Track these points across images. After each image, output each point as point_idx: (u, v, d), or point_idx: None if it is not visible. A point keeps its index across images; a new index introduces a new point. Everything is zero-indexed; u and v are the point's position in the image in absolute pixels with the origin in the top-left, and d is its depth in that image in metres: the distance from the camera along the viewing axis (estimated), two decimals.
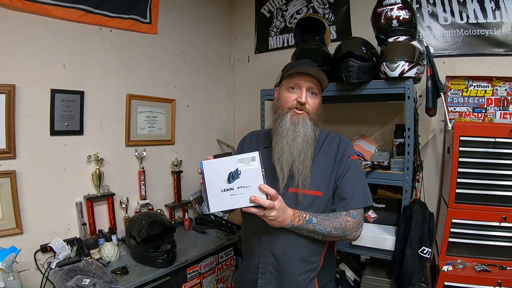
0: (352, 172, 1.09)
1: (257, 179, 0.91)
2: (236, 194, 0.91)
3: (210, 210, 0.92)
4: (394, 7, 1.60)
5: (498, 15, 1.78)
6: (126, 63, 2.00)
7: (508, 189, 1.42)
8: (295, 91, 1.09)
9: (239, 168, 0.91)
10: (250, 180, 0.91)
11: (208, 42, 2.60)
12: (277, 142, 1.07)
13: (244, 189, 0.91)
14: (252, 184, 0.91)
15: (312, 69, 1.06)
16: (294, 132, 1.06)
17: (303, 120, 1.07)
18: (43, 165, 1.61)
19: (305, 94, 1.07)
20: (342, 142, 1.14)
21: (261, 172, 0.91)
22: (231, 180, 0.91)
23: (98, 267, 1.48)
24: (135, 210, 2.03)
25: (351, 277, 1.79)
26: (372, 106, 2.12)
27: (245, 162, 0.91)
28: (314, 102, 1.10)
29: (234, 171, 0.91)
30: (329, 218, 1.02)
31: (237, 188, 0.91)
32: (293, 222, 0.99)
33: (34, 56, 1.57)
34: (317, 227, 1.00)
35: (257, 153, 0.91)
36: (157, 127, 2.20)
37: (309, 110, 1.08)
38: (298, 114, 1.07)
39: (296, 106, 1.08)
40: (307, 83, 1.08)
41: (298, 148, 1.05)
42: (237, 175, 0.91)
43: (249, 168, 0.91)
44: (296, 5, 2.48)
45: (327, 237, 1.03)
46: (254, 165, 0.91)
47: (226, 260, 2.10)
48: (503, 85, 1.75)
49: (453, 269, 1.42)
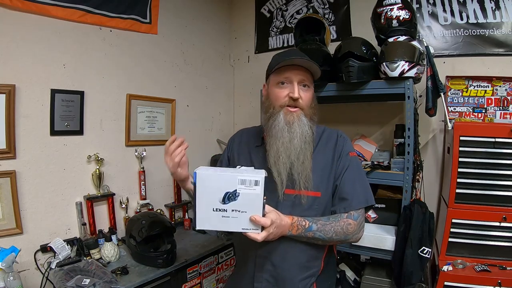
0: (352, 170, 1.02)
1: (256, 206, 0.79)
2: (228, 217, 0.80)
3: (197, 227, 0.82)
4: (394, 7, 1.60)
5: (498, 15, 1.78)
6: (126, 63, 2.00)
7: (508, 189, 1.42)
8: (286, 86, 0.99)
9: (238, 190, 0.78)
10: (247, 205, 0.79)
11: (208, 42, 2.60)
12: (272, 145, 0.99)
13: (239, 214, 0.79)
14: (249, 210, 0.79)
15: (302, 60, 0.97)
16: (289, 133, 0.97)
17: (299, 118, 0.98)
18: (43, 165, 1.61)
19: (297, 89, 0.97)
20: (339, 138, 1.06)
21: (262, 200, 0.79)
22: (226, 201, 0.79)
23: (98, 267, 1.48)
24: (135, 210, 2.03)
25: (351, 277, 1.80)
26: (372, 106, 2.12)
27: (247, 184, 0.78)
28: (307, 96, 1.00)
29: (231, 192, 0.78)
30: (329, 222, 0.96)
31: (231, 211, 0.79)
32: (291, 232, 0.93)
33: (34, 56, 1.57)
34: (317, 234, 0.95)
35: (262, 177, 0.78)
36: (157, 127, 2.20)
37: (303, 105, 0.99)
38: (292, 112, 0.98)
39: (289, 103, 0.99)
40: (298, 76, 0.98)
41: (296, 150, 0.97)
42: (234, 197, 0.78)
43: (250, 192, 0.78)
44: (296, 5, 2.48)
45: (327, 242, 0.99)
46: (256, 190, 0.78)
47: (226, 260, 2.10)
48: (503, 85, 1.75)
49: (453, 269, 1.42)
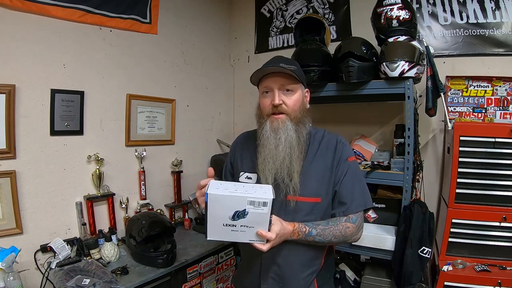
0: (350, 175, 1.06)
1: (263, 223, 0.88)
2: (237, 231, 0.89)
3: (208, 238, 0.91)
4: (394, 7, 1.60)
5: (498, 15, 1.78)
6: (126, 63, 2.00)
7: (508, 189, 1.42)
8: (269, 95, 1.05)
9: (247, 209, 0.86)
10: (255, 222, 0.88)
11: (208, 42, 2.60)
12: (260, 152, 1.05)
13: (247, 228, 0.89)
14: (256, 225, 0.89)
15: (274, 68, 1.00)
16: (275, 139, 1.02)
17: (283, 124, 1.02)
18: (43, 165, 1.61)
19: (277, 95, 1.01)
20: (338, 144, 1.10)
21: (269, 218, 0.88)
22: (236, 219, 0.87)
23: (98, 267, 1.48)
24: (135, 210, 2.03)
25: (351, 277, 1.80)
26: (372, 106, 2.12)
27: (255, 205, 0.86)
28: (292, 99, 1.03)
29: (241, 211, 0.86)
30: (328, 227, 1.01)
31: (240, 226, 0.88)
32: (292, 237, 0.98)
33: (34, 56, 1.57)
34: (317, 238, 1.00)
35: (270, 199, 0.86)
36: (157, 127, 2.20)
37: (288, 110, 1.03)
38: (277, 118, 1.03)
39: (273, 111, 1.03)
40: (276, 83, 1.02)
41: (281, 155, 1.01)
42: (243, 215, 0.87)
43: (258, 212, 0.86)
44: (296, 5, 2.48)
45: (327, 244, 1.05)
46: (263, 210, 0.86)
47: (226, 260, 2.10)
48: (503, 85, 1.75)
49: (453, 269, 1.43)
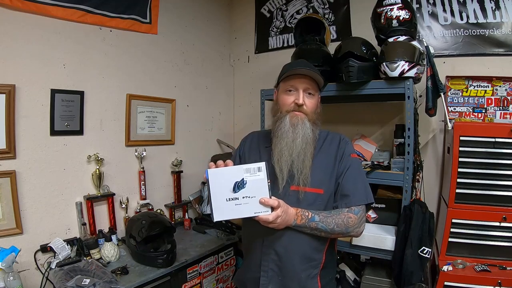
0: (353, 170, 1.11)
1: (263, 190, 0.91)
2: (241, 204, 0.92)
3: (214, 219, 0.93)
4: (394, 7, 1.60)
5: (498, 15, 1.78)
6: (126, 63, 2.00)
7: (508, 189, 1.42)
8: (292, 93, 1.11)
9: (245, 178, 0.91)
10: (255, 190, 0.91)
11: (208, 42, 2.60)
12: (276, 144, 1.09)
13: (249, 199, 0.91)
14: (257, 194, 0.91)
15: (306, 70, 1.08)
16: (293, 133, 1.08)
17: (302, 122, 1.09)
18: (43, 165, 1.61)
19: (302, 96, 1.09)
20: (342, 141, 1.16)
21: (267, 183, 0.91)
22: (236, 190, 0.91)
23: (98, 267, 1.48)
24: (135, 210, 2.03)
25: (351, 277, 1.79)
26: (372, 106, 2.12)
27: (251, 172, 0.91)
28: (311, 103, 1.11)
29: (239, 181, 0.91)
30: (331, 215, 1.05)
31: (242, 198, 0.91)
32: (296, 221, 1.01)
33: (34, 56, 1.57)
34: (319, 224, 1.03)
35: (263, 164, 0.91)
36: (157, 127, 2.20)
37: (307, 111, 1.10)
38: (297, 115, 1.09)
39: (294, 109, 1.10)
40: (303, 85, 1.09)
41: (298, 148, 1.07)
42: (242, 185, 0.91)
43: (255, 179, 0.91)
44: (296, 5, 2.48)
45: (330, 234, 1.06)
46: (260, 176, 0.91)
47: (226, 260, 2.09)
48: (503, 85, 1.75)
49: (453, 269, 1.42)
